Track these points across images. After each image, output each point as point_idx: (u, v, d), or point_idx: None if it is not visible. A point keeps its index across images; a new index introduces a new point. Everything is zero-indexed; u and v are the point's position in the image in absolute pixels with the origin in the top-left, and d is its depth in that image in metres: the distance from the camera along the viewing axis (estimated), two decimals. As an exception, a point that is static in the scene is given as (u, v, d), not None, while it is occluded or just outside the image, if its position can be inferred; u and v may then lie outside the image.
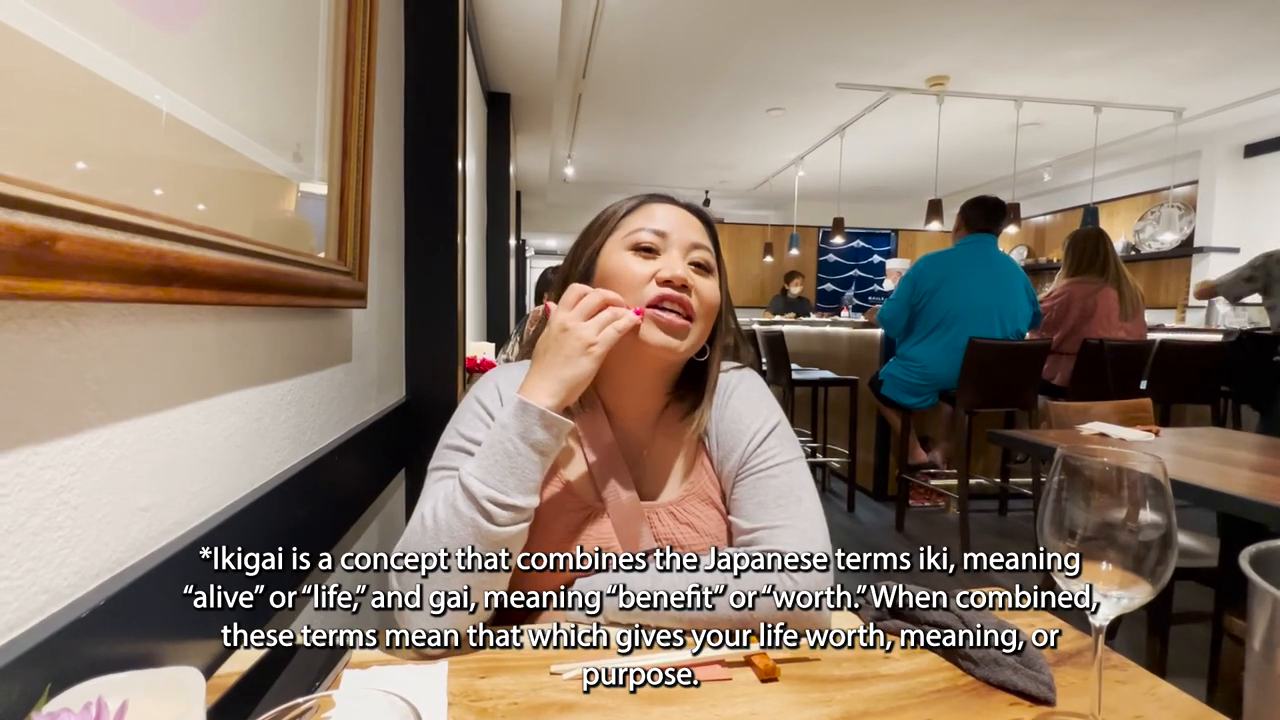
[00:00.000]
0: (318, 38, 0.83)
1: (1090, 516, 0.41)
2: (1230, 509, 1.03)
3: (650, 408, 0.73)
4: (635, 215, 0.71)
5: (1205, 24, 3.26)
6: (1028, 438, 1.53)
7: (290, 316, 0.79)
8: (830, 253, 8.21)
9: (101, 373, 0.45)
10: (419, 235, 1.43)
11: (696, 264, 0.69)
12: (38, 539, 0.39)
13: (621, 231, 0.70)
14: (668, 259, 0.68)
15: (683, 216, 0.71)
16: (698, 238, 0.70)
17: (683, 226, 0.70)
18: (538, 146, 5.04)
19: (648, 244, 0.68)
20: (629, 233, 0.69)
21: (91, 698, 0.30)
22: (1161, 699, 0.50)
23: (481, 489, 0.55)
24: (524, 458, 0.57)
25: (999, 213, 2.88)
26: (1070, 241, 3.03)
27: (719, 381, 0.74)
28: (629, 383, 0.71)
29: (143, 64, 0.46)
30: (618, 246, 0.69)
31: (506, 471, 0.56)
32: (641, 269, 0.67)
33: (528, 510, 0.57)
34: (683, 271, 0.67)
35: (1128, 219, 5.96)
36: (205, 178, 0.57)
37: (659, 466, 0.72)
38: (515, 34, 2.85)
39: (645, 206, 0.72)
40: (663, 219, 0.70)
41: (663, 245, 0.69)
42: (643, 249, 0.68)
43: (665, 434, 0.73)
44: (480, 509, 0.55)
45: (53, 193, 0.36)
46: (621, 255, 0.69)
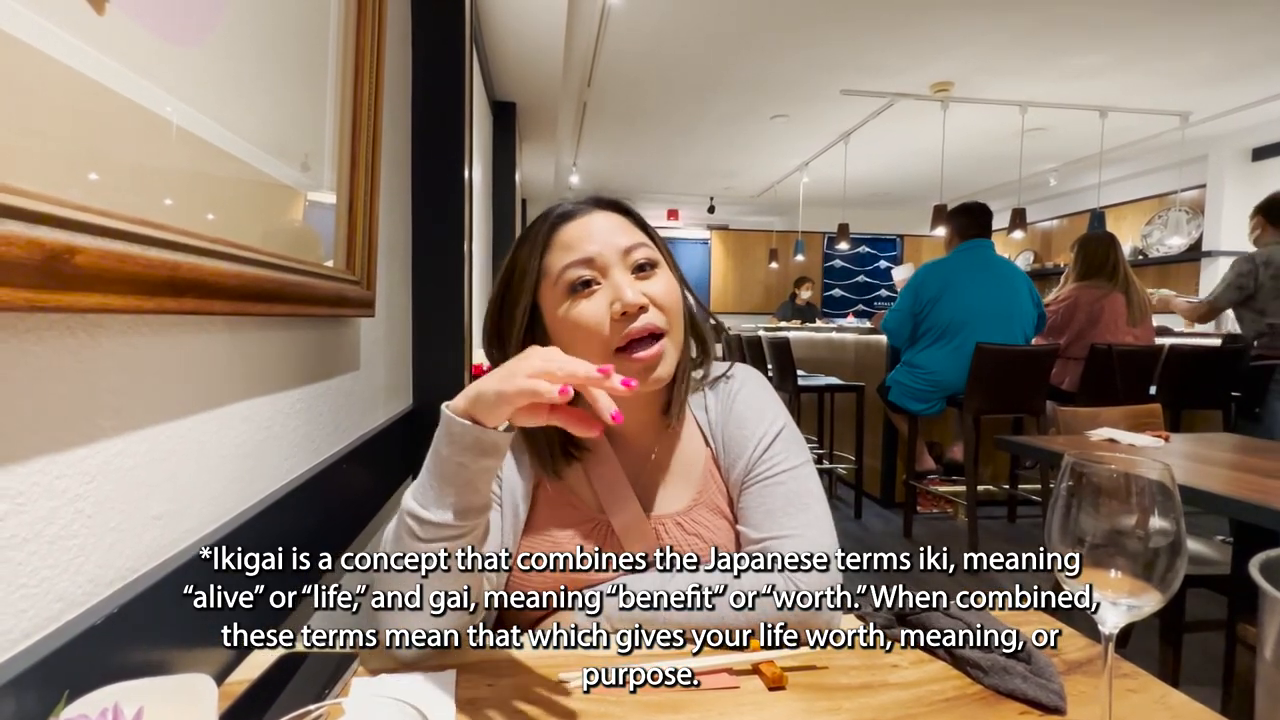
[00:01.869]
0: (326, 49, 0.84)
1: (1099, 523, 0.41)
2: (1241, 515, 1.02)
3: (646, 418, 0.71)
4: (552, 253, 0.64)
5: (1211, 28, 3.26)
6: (1036, 443, 1.52)
7: (300, 326, 0.80)
8: (836, 258, 8.21)
9: (116, 383, 0.45)
10: (426, 244, 1.44)
11: (639, 267, 0.63)
12: (54, 547, 0.40)
13: (549, 279, 0.63)
14: (611, 285, 0.62)
15: (600, 224, 0.64)
16: (626, 238, 0.64)
17: (605, 235, 0.63)
18: (543, 155, 5.06)
19: (584, 279, 0.62)
20: (557, 276, 0.62)
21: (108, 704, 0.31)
22: (1173, 708, 0.49)
23: (408, 502, 0.53)
24: (436, 472, 0.52)
25: (986, 216, 2.91)
26: (1079, 245, 3.02)
27: (722, 386, 0.73)
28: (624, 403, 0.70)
29: (155, 78, 0.47)
30: (555, 301, 0.63)
31: (428, 484, 0.52)
32: (592, 313, 0.61)
33: (449, 527, 0.51)
34: (633, 295, 0.61)
35: (1135, 223, 5.93)
36: (215, 188, 0.57)
37: (666, 477, 0.71)
38: (520, 44, 2.88)
39: (556, 236, 0.64)
40: (583, 242, 0.63)
41: (599, 269, 0.62)
42: (581, 286, 0.62)
43: (669, 444, 0.72)
44: (404, 524, 0.52)
45: (71, 207, 0.37)
46: (565, 310, 0.62)
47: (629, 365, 0.61)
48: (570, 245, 0.63)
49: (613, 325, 0.61)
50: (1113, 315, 2.87)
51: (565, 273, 0.62)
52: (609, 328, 0.61)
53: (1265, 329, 2.74)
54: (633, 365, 0.61)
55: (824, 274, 8.20)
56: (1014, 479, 3.21)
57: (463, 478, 0.51)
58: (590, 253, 0.62)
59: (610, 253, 0.63)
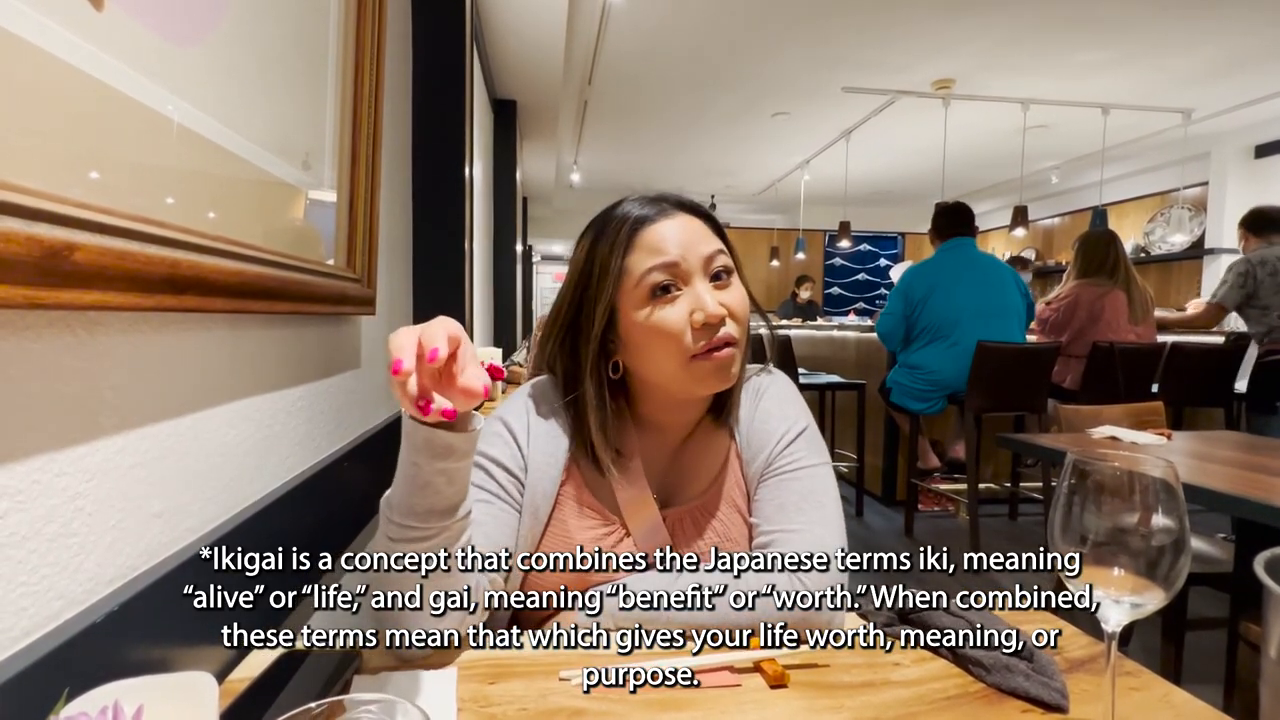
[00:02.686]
0: (327, 47, 0.84)
1: (1101, 521, 0.41)
2: (1244, 513, 1.02)
3: (691, 419, 0.71)
4: (635, 254, 0.63)
5: (1213, 24, 3.25)
6: (1038, 441, 1.52)
7: (301, 324, 0.80)
8: (837, 256, 8.20)
9: (116, 380, 0.45)
10: (427, 242, 1.44)
11: (717, 276, 0.64)
12: (54, 545, 0.40)
13: (630, 280, 0.63)
14: (693, 295, 0.62)
15: (684, 228, 0.64)
16: (708, 245, 0.64)
17: (690, 242, 0.63)
18: (544, 153, 5.06)
19: (665, 284, 0.62)
20: (639, 279, 0.62)
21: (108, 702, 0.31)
22: (1176, 706, 0.49)
23: (384, 500, 0.53)
24: (403, 471, 0.51)
25: (966, 215, 2.95)
26: (1080, 243, 3.02)
27: (752, 383, 0.73)
28: (671, 405, 0.69)
29: (156, 77, 0.47)
30: (634, 304, 0.63)
31: (398, 484, 0.52)
32: (674, 320, 0.62)
33: (413, 528, 0.51)
34: (715, 307, 0.61)
35: (1137, 221, 5.92)
36: (216, 186, 0.57)
37: (693, 470, 0.71)
38: (521, 42, 2.87)
39: (639, 237, 0.64)
40: (669, 246, 0.63)
41: (680, 276, 0.63)
42: (661, 291, 0.62)
43: (702, 438, 0.72)
44: (380, 522, 0.53)
45: (70, 204, 0.37)
46: (645, 315, 0.62)
47: (704, 367, 0.62)
48: (654, 248, 0.63)
49: (693, 334, 0.62)
50: (1114, 313, 2.86)
51: (648, 276, 0.62)
52: (690, 335, 0.62)
53: (1276, 322, 2.76)
54: (708, 366, 0.62)
55: (825, 272, 8.20)
56: (1015, 477, 3.20)
57: (419, 479, 0.50)
58: (675, 257, 0.62)
59: (693, 259, 0.63)
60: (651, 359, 0.64)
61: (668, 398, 0.68)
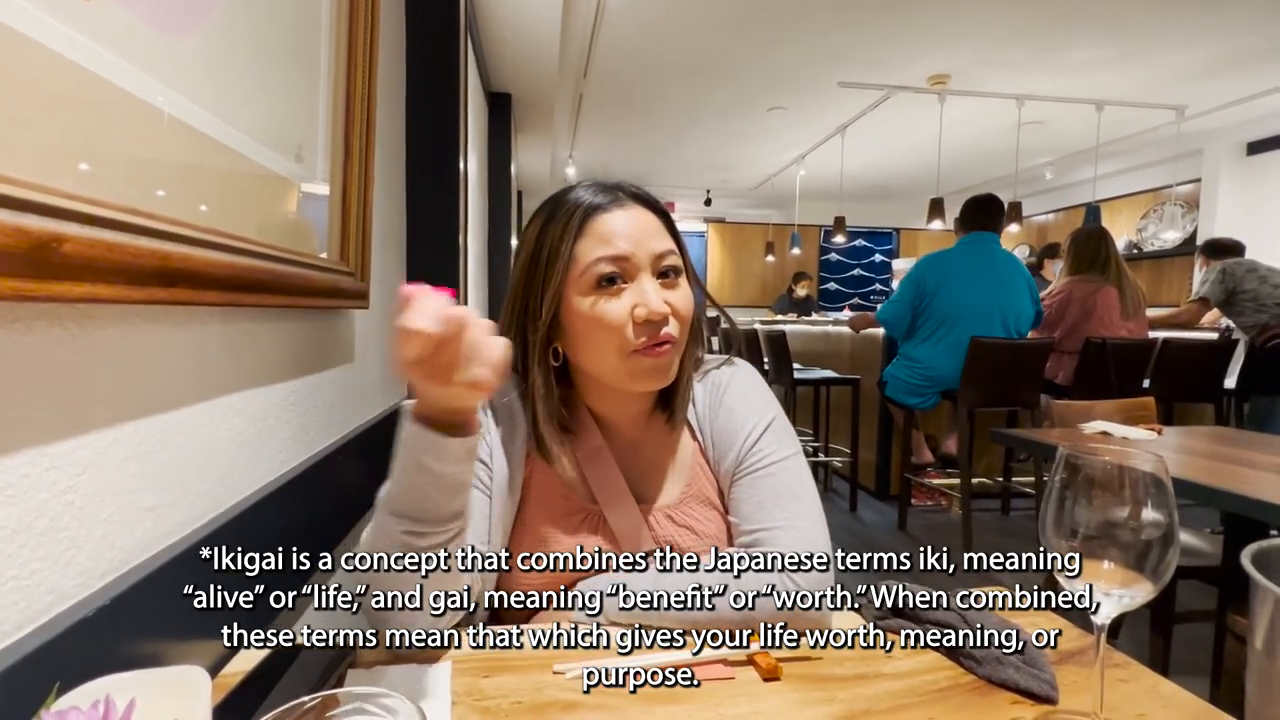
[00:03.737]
0: (320, 38, 0.83)
1: (1092, 515, 0.41)
2: (1232, 507, 1.03)
3: (638, 411, 0.71)
4: (585, 241, 0.63)
5: (1207, 22, 3.26)
6: (1030, 437, 1.53)
7: (293, 317, 0.80)
8: (832, 252, 8.21)
9: (107, 374, 0.45)
10: (421, 235, 1.43)
11: (664, 274, 0.64)
12: (44, 539, 0.39)
13: (577, 268, 0.62)
14: (638, 289, 0.62)
15: (636, 221, 0.64)
16: (658, 242, 0.64)
17: (640, 237, 0.63)
18: (539, 146, 5.04)
19: (612, 275, 0.62)
20: (585, 268, 0.62)
21: (99, 696, 0.31)
22: (1164, 697, 0.50)
23: (380, 495, 0.53)
24: (397, 467, 0.52)
25: (996, 210, 2.87)
26: (1071, 240, 3.03)
27: (712, 378, 0.73)
28: (613, 397, 0.69)
29: (145, 66, 0.47)
30: (579, 290, 0.62)
31: (394, 480, 0.52)
32: (617, 314, 0.61)
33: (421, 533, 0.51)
34: (658, 304, 0.61)
35: (1130, 217, 5.94)
36: (208, 179, 0.57)
37: (654, 469, 0.71)
38: (516, 34, 2.85)
39: (591, 225, 0.63)
40: (618, 235, 0.62)
41: (627, 269, 0.62)
42: (605, 280, 0.62)
43: (657, 435, 0.72)
44: (383, 516, 0.53)
45: (58, 195, 0.36)
46: (588, 304, 0.62)
47: (642, 363, 0.62)
48: (604, 239, 0.62)
49: (635, 328, 0.62)
50: (1106, 309, 2.88)
51: (595, 265, 0.62)
52: (631, 330, 0.62)
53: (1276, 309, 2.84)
54: (645, 363, 0.62)
55: (820, 267, 8.20)
56: (1008, 472, 3.23)
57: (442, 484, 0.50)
58: (625, 251, 0.62)
59: (642, 255, 0.63)
60: (591, 350, 0.64)
61: (608, 390, 0.68)
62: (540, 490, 0.68)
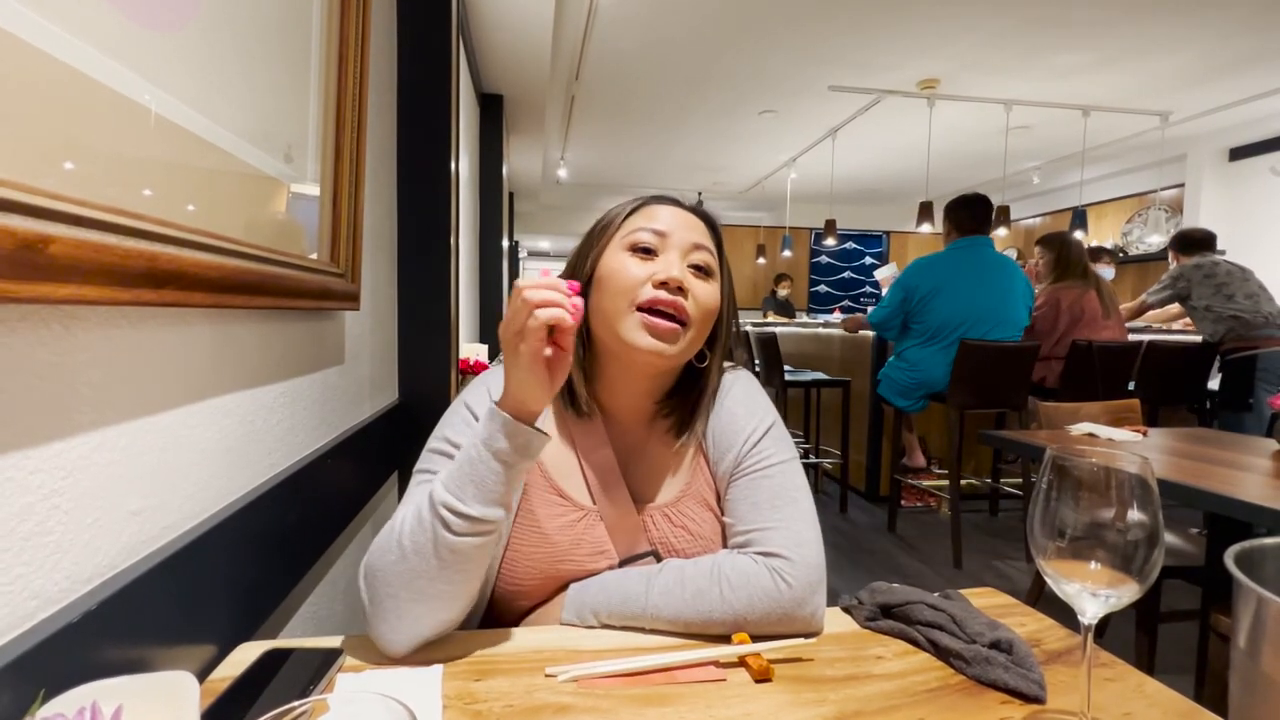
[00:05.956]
0: (310, 38, 0.83)
1: (1079, 516, 0.42)
2: (1215, 508, 1.05)
3: (643, 410, 0.72)
4: (636, 216, 0.69)
5: (1191, 29, 3.31)
6: (1018, 438, 1.54)
7: (283, 319, 0.79)
8: (822, 254, 8.25)
9: (93, 376, 0.44)
10: (412, 236, 1.42)
11: (696, 266, 0.67)
12: (28, 544, 0.39)
13: (621, 233, 0.68)
14: (665, 260, 0.66)
15: (685, 218, 0.69)
16: (699, 239, 0.68)
17: (684, 227, 0.68)
18: (531, 148, 5.03)
19: (646, 244, 0.66)
20: (628, 233, 0.68)
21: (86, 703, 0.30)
22: (1150, 696, 0.50)
23: (442, 495, 0.54)
24: (485, 466, 0.54)
25: (985, 209, 2.80)
26: (1057, 248, 3.01)
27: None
28: (620, 385, 0.70)
29: (132, 64, 0.46)
30: (616, 248, 0.68)
31: (468, 479, 0.54)
32: (637, 270, 0.65)
33: (487, 523, 0.54)
34: (679, 273, 0.65)
35: (1115, 221, 6.02)
36: (196, 179, 0.56)
37: (655, 469, 0.72)
38: (508, 36, 2.85)
39: (647, 207, 0.70)
40: (664, 219, 0.68)
41: (661, 246, 0.67)
42: (641, 249, 0.66)
43: (661, 437, 0.72)
44: (439, 516, 0.53)
45: (45, 195, 0.36)
46: (619, 256, 0.67)
47: (644, 319, 0.64)
48: (653, 217, 0.69)
49: (650, 288, 0.65)
50: (1092, 312, 2.92)
51: (636, 232, 0.67)
52: (646, 288, 0.65)
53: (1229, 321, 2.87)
54: (647, 319, 0.64)
55: (810, 269, 8.24)
56: (996, 473, 3.25)
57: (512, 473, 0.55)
58: (664, 228, 0.67)
59: (679, 239, 0.67)
60: (606, 297, 0.66)
61: (618, 375, 0.69)
62: (538, 490, 0.68)
